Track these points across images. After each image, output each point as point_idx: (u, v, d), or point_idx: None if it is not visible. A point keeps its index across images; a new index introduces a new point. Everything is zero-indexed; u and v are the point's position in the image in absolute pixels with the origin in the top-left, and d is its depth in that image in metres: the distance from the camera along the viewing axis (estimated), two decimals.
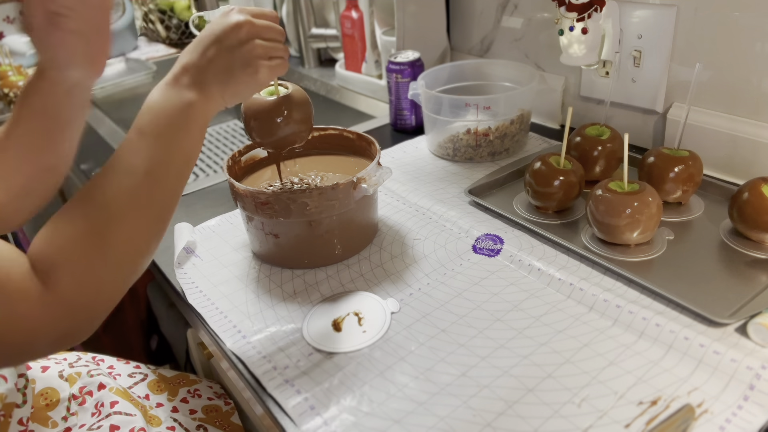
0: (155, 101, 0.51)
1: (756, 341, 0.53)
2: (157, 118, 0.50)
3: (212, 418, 0.69)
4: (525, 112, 0.90)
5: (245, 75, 0.52)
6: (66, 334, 0.46)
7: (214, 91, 0.51)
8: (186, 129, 0.50)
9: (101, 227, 0.46)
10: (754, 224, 0.64)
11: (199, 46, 0.52)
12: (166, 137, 0.49)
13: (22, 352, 0.46)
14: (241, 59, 0.51)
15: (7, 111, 1.32)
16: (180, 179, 0.51)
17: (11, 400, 0.59)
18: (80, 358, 0.71)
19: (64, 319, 0.45)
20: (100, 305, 0.47)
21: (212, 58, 0.51)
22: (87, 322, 0.47)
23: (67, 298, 0.44)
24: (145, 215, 0.48)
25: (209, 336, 0.63)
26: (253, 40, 0.52)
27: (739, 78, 0.76)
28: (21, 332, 0.43)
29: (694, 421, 0.48)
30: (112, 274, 0.47)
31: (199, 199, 0.89)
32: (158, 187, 0.49)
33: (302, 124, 0.65)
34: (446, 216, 0.76)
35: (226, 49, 0.51)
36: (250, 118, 0.63)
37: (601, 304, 0.60)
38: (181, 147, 0.50)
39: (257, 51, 0.52)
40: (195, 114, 0.51)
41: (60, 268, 0.44)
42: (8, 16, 1.77)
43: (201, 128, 0.52)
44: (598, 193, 0.66)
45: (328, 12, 1.42)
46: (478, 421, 0.49)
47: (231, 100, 0.53)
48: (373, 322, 0.61)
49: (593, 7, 0.79)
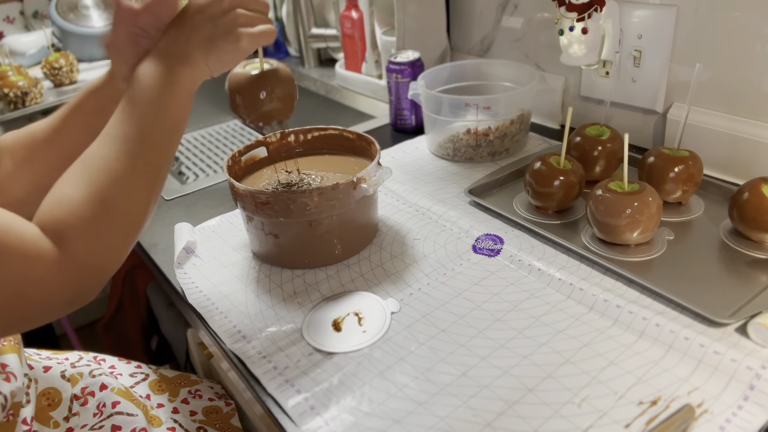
0: (143, 70, 0.54)
1: (756, 341, 0.53)
2: (145, 86, 0.53)
3: (212, 420, 0.69)
4: (525, 112, 0.90)
5: (227, 43, 0.54)
6: (79, 294, 0.49)
7: (198, 59, 0.54)
8: (173, 95, 0.53)
9: (104, 190, 0.49)
10: (754, 224, 0.64)
11: (184, 17, 0.55)
12: (155, 104, 0.52)
13: (42, 312, 0.48)
14: (224, 27, 0.54)
15: (7, 111, 1.32)
16: (171, 142, 0.54)
17: (18, 399, 0.59)
18: (82, 357, 0.71)
19: (78, 279, 0.48)
20: (108, 265, 0.50)
21: (196, 27, 0.54)
22: (97, 282, 0.50)
23: (79, 259, 0.47)
24: (142, 177, 0.51)
25: (209, 336, 0.63)
26: (234, 9, 0.54)
27: (739, 78, 0.76)
28: (41, 291, 0.46)
29: (694, 421, 0.48)
30: (118, 234, 0.50)
31: (199, 199, 0.89)
32: (152, 150, 0.52)
33: (283, 100, 0.66)
34: (446, 216, 0.76)
35: (209, 17, 0.54)
36: (234, 91, 0.65)
37: (601, 304, 0.60)
38: (170, 112, 0.53)
39: (239, 20, 0.54)
40: (181, 81, 0.53)
41: (71, 230, 0.47)
42: (8, 16, 1.77)
43: (188, 94, 0.55)
44: (598, 193, 0.66)
45: (328, 12, 1.42)
46: (478, 421, 0.49)
47: (215, 68, 0.55)
48: (373, 322, 0.61)
49: (593, 7, 0.79)
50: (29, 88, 1.32)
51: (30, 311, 0.47)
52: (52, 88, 1.44)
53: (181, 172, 1.33)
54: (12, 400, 0.59)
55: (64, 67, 1.42)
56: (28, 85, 1.31)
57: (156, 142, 0.52)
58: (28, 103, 1.32)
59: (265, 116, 0.66)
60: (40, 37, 1.63)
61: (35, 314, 0.49)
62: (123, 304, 1.12)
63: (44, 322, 0.50)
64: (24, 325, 0.51)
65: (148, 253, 0.76)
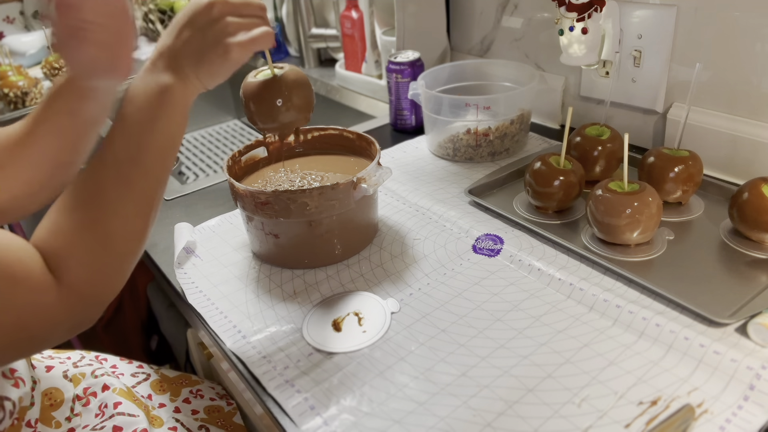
0: (134, 88, 0.51)
1: (756, 341, 0.53)
2: (136, 105, 0.51)
3: (214, 419, 0.70)
4: (525, 112, 0.90)
5: (216, 56, 0.51)
6: (80, 321, 0.49)
7: (189, 73, 0.51)
8: (165, 113, 0.51)
9: (99, 218, 0.48)
10: (754, 224, 0.64)
11: (174, 29, 0.52)
12: (147, 123, 0.50)
13: (42, 341, 0.49)
14: (212, 39, 0.51)
15: (7, 111, 1.32)
16: (165, 163, 0.52)
17: (25, 404, 0.59)
18: (84, 357, 0.71)
19: (78, 308, 0.48)
20: (107, 293, 0.50)
21: (186, 40, 0.51)
22: (97, 309, 0.50)
23: (79, 289, 0.47)
24: (135, 201, 0.50)
25: (209, 336, 0.63)
26: (223, 19, 0.51)
27: (739, 78, 0.76)
28: (44, 323, 0.46)
29: (694, 421, 0.48)
30: (115, 261, 0.50)
31: (199, 199, 0.89)
32: (145, 173, 0.51)
33: (300, 107, 0.64)
34: (446, 216, 0.76)
35: (198, 29, 0.51)
36: (248, 101, 0.64)
37: (601, 304, 0.60)
38: (163, 132, 0.51)
39: (229, 29, 0.51)
40: (173, 98, 0.51)
41: (69, 261, 0.47)
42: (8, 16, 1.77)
43: (182, 111, 0.52)
44: (598, 193, 0.66)
45: (328, 12, 1.42)
46: (478, 421, 0.49)
47: (208, 82, 0.52)
48: (373, 322, 0.61)
49: (593, 7, 0.79)
50: (29, 88, 1.32)
51: (30, 341, 0.47)
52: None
53: (181, 172, 1.33)
54: (20, 405, 0.59)
55: (64, 67, 1.42)
56: (28, 85, 1.32)
57: (149, 164, 0.51)
58: (28, 103, 1.32)
59: (284, 126, 0.64)
60: (40, 37, 1.63)
61: (34, 344, 0.49)
62: (123, 303, 1.12)
63: (41, 350, 0.50)
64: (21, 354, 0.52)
65: (148, 253, 0.76)
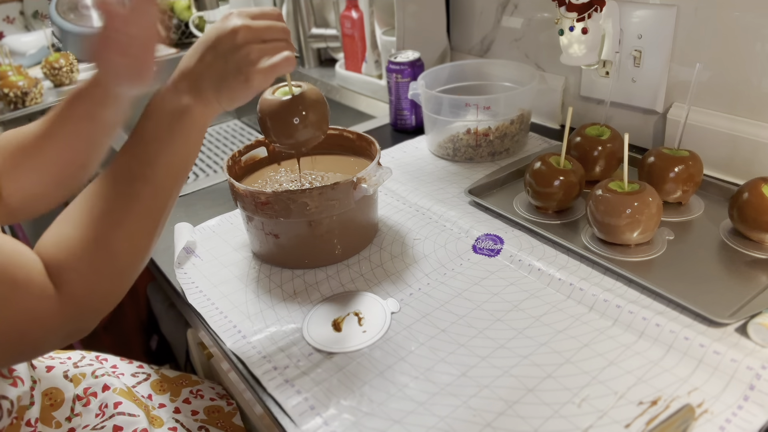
0: (154, 106, 0.52)
1: (756, 341, 0.53)
2: (155, 123, 0.51)
3: (214, 419, 0.69)
4: (525, 112, 0.90)
5: (237, 82, 0.51)
6: (75, 330, 0.50)
7: (209, 97, 0.52)
8: (183, 134, 0.52)
9: (105, 234, 0.49)
10: (754, 224, 0.64)
11: (197, 52, 0.52)
12: (164, 142, 0.51)
13: (36, 348, 0.49)
14: (234, 66, 0.51)
15: (7, 111, 1.32)
16: (177, 183, 0.53)
17: (24, 403, 0.59)
18: (84, 357, 0.71)
19: (75, 318, 0.49)
20: (106, 304, 0.51)
21: (209, 63, 0.51)
22: (93, 319, 0.51)
23: (78, 300, 0.48)
24: (144, 219, 0.51)
25: (209, 336, 0.63)
26: (248, 45, 0.51)
27: (739, 78, 0.76)
28: (40, 329, 0.47)
29: (694, 421, 0.48)
30: (117, 277, 0.51)
31: (199, 199, 0.89)
32: (156, 192, 0.51)
33: (316, 124, 0.63)
34: (446, 216, 0.76)
35: (221, 55, 0.51)
36: (265, 118, 0.63)
37: (601, 304, 0.60)
38: (179, 152, 0.52)
39: (251, 56, 0.51)
40: (192, 119, 0.52)
41: (71, 273, 0.47)
42: (8, 16, 1.77)
43: (198, 133, 0.53)
44: (598, 193, 0.66)
45: (328, 12, 1.42)
46: (478, 421, 0.49)
47: (227, 105, 0.53)
48: (373, 322, 0.61)
49: (593, 7, 0.79)
50: (29, 88, 1.32)
51: (26, 348, 0.48)
52: (52, 88, 1.44)
53: None
54: (18, 404, 0.59)
55: (64, 67, 1.42)
56: (28, 85, 1.32)
57: (160, 182, 0.51)
58: (28, 103, 1.32)
59: (300, 144, 0.64)
60: (40, 37, 1.63)
61: (30, 351, 0.50)
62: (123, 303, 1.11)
63: (35, 357, 0.51)
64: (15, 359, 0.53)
65: None
